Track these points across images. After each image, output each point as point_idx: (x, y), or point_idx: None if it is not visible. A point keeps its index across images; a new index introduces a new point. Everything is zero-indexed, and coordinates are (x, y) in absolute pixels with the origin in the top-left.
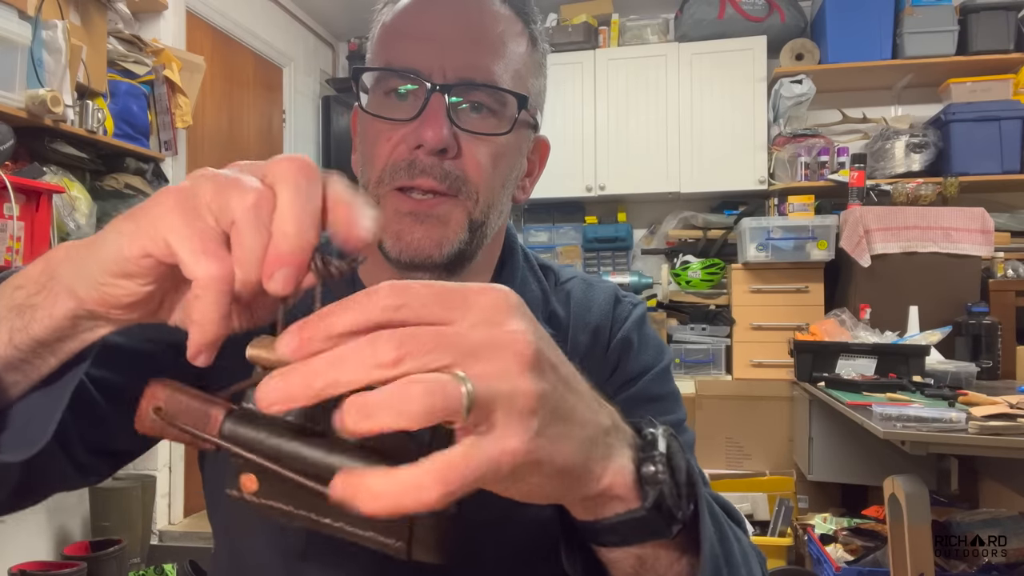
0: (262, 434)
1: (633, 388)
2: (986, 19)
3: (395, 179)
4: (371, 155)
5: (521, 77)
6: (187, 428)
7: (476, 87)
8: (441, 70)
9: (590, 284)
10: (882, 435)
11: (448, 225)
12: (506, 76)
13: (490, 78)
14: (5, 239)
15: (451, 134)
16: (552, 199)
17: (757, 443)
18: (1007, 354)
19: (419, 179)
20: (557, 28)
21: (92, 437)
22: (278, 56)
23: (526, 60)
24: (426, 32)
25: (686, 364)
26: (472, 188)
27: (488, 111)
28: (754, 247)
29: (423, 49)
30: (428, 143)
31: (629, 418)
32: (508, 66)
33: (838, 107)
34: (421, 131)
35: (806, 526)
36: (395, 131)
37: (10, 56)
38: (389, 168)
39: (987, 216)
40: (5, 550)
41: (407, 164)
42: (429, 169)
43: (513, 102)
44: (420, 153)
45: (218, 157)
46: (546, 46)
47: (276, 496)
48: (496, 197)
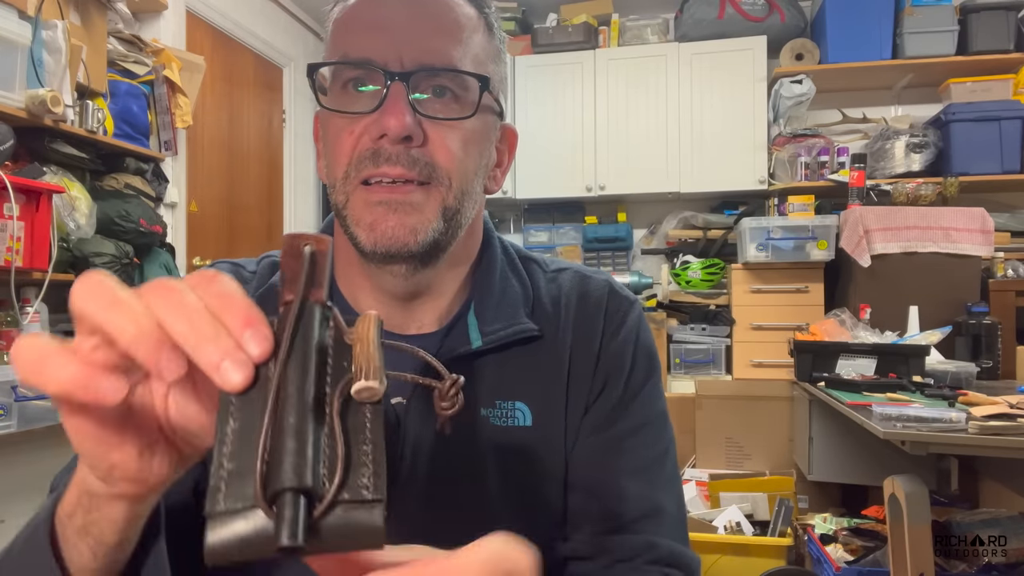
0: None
1: (621, 419)
2: (986, 19)
3: (360, 170)
4: (335, 152)
5: (481, 62)
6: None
7: (436, 72)
8: (398, 58)
9: (584, 276)
10: (882, 435)
11: (423, 212)
12: (466, 60)
13: (449, 62)
14: (5, 239)
15: (415, 121)
16: (552, 199)
17: (757, 443)
18: (1007, 354)
19: (384, 167)
20: (557, 28)
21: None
22: (278, 56)
23: (484, 45)
24: (380, 22)
25: (686, 364)
26: (444, 174)
27: (451, 95)
28: (754, 247)
29: (378, 39)
30: (391, 131)
31: (610, 460)
32: (467, 51)
33: (838, 107)
34: (383, 120)
35: (806, 526)
36: (356, 124)
37: (10, 56)
38: (354, 161)
39: (987, 216)
40: None
41: (371, 153)
42: (395, 157)
43: (475, 85)
44: (384, 142)
45: (218, 157)
46: (503, 34)
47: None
48: (469, 184)
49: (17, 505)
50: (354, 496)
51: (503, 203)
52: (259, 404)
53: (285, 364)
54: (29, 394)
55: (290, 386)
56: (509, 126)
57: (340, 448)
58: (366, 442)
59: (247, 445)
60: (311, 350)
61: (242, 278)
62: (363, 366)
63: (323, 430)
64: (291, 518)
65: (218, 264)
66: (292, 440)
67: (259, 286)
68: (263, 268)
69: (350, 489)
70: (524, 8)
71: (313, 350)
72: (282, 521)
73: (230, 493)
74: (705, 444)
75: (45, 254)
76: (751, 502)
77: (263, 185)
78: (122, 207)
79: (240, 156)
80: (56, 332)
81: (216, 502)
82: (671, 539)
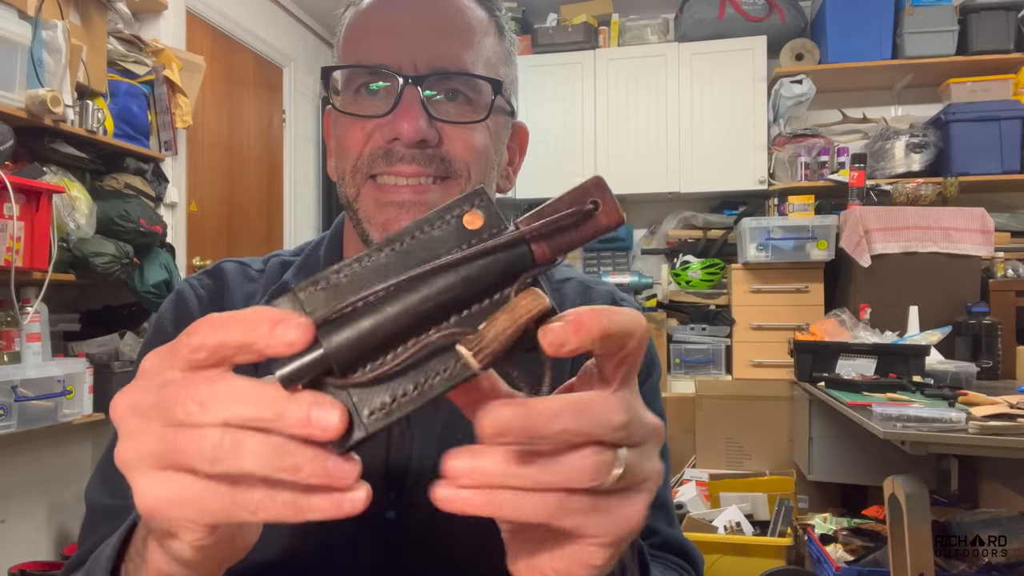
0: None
1: None
2: (986, 19)
3: (372, 166)
4: (345, 147)
5: (492, 64)
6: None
7: (449, 76)
8: (412, 62)
9: (588, 286)
10: (882, 435)
11: None
12: (478, 63)
13: (462, 66)
14: (5, 239)
15: (428, 125)
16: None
17: (757, 443)
18: (1007, 354)
19: (399, 165)
20: (557, 28)
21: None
22: (278, 56)
23: (495, 48)
24: (394, 27)
25: (686, 364)
26: (462, 167)
27: (464, 99)
28: (754, 247)
29: (392, 43)
30: (405, 136)
31: None
32: (479, 54)
33: (838, 107)
34: (396, 124)
35: (806, 526)
36: (369, 123)
37: (10, 56)
38: (365, 156)
39: (987, 216)
40: (5, 550)
41: (384, 152)
42: (409, 157)
43: (487, 88)
44: (397, 145)
45: (218, 157)
46: (513, 36)
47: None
48: (487, 177)
49: (17, 505)
50: (360, 407)
51: (503, 203)
52: (393, 275)
53: (438, 269)
54: (29, 394)
55: (423, 288)
56: (520, 124)
57: (390, 365)
58: (416, 385)
59: (349, 290)
60: (473, 280)
61: (248, 276)
62: (487, 340)
63: (405, 341)
64: (299, 365)
65: (224, 263)
66: (370, 321)
67: (268, 285)
68: (271, 267)
69: (363, 397)
70: (524, 8)
71: (474, 282)
72: (290, 361)
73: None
74: (705, 444)
75: (45, 254)
76: (751, 502)
77: (263, 185)
78: (122, 207)
79: (240, 156)
80: (56, 332)
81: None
82: (670, 528)
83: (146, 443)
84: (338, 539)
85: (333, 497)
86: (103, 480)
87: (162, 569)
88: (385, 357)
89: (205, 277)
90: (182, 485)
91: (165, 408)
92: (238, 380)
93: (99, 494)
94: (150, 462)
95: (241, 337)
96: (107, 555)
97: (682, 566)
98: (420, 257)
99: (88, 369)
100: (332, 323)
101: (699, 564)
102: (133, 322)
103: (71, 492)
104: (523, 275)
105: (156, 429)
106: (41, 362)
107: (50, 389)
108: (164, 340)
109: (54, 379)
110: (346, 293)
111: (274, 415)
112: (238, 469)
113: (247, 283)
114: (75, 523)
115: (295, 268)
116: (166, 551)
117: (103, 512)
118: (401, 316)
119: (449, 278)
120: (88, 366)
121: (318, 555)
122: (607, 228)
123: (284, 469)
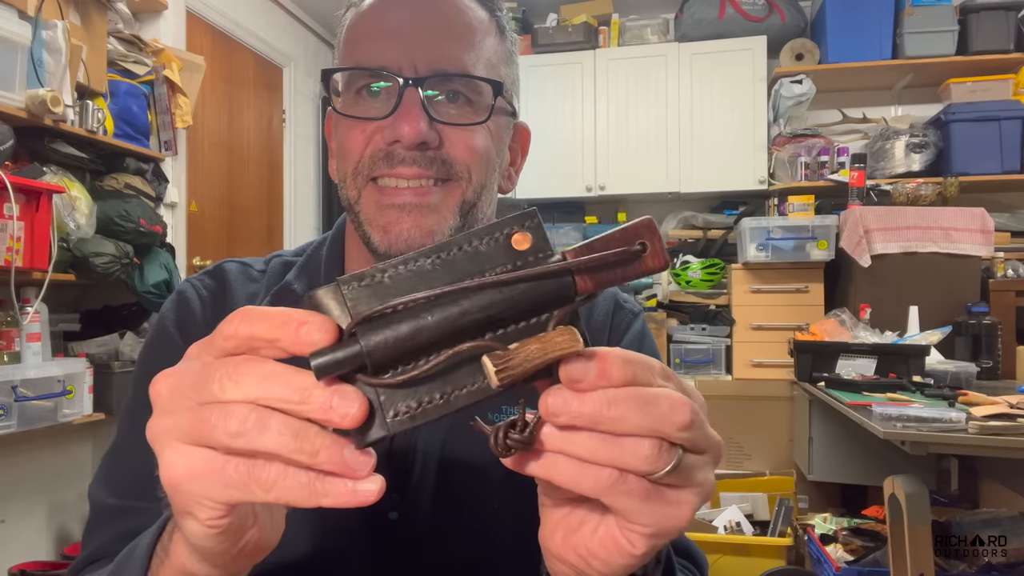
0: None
1: None
2: (986, 19)
3: (373, 168)
4: (346, 149)
5: (493, 65)
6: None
7: (450, 77)
8: (412, 64)
9: None
10: (882, 435)
11: (439, 212)
12: (479, 65)
13: (463, 67)
14: (5, 239)
15: (429, 127)
16: (552, 199)
17: (757, 443)
18: (1007, 354)
19: (400, 168)
20: (557, 28)
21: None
22: (278, 56)
23: (496, 49)
24: (394, 29)
25: (686, 364)
26: (463, 168)
27: (465, 100)
28: (754, 247)
29: (392, 45)
30: (405, 138)
31: None
32: (480, 55)
33: (838, 107)
34: (396, 126)
35: (806, 526)
36: (370, 125)
37: (10, 56)
38: (366, 158)
39: (987, 216)
40: (5, 550)
41: (385, 154)
42: (410, 159)
43: (488, 90)
44: (398, 147)
45: (218, 157)
46: (514, 36)
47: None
48: (488, 178)
49: (17, 505)
50: (386, 407)
51: (503, 203)
52: (437, 284)
53: (485, 286)
54: (29, 394)
55: (465, 302)
56: (522, 124)
57: (421, 370)
58: (442, 394)
59: (392, 292)
60: (515, 302)
61: (250, 277)
62: (514, 363)
63: (439, 351)
64: (335, 357)
65: (225, 263)
66: (409, 325)
67: (270, 285)
68: (273, 268)
69: (390, 398)
70: (524, 8)
71: (516, 304)
72: (328, 352)
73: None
74: None
75: (45, 254)
76: (751, 502)
77: (263, 185)
78: (122, 207)
79: (240, 156)
80: (56, 332)
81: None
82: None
83: (178, 418)
84: (341, 539)
85: (347, 484)
86: (106, 480)
87: (184, 564)
88: (417, 363)
89: (207, 277)
90: (204, 458)
91: (201, 385)
92: (271, 363)
93: (102, 493)
94: (179, 436)
95: (268, 333)
96: (139, 556)
97: (689, 569)
98: (465, 270)
99: (88, 369)
100: (372, 322)
101: (704, 567)
102: (133, 322)
103: (71, 492)
104: (564, 308)
105: (190, 405)
106: (41, 362)
107: (50, 389)
108: (165, 340)
109: (54, 379)
110: (389, 294)
111: (300, 398)
112: (259, 445)
113: (249, 283)
114: (75, 523)
115: (297, 269)
116: (185, 535)
117: (107, 511)
118: (440, 326)
119: (492, 296)
120: (88, 366)
121: (321, 555)
122: (651, 271)
123: (302, 451)
